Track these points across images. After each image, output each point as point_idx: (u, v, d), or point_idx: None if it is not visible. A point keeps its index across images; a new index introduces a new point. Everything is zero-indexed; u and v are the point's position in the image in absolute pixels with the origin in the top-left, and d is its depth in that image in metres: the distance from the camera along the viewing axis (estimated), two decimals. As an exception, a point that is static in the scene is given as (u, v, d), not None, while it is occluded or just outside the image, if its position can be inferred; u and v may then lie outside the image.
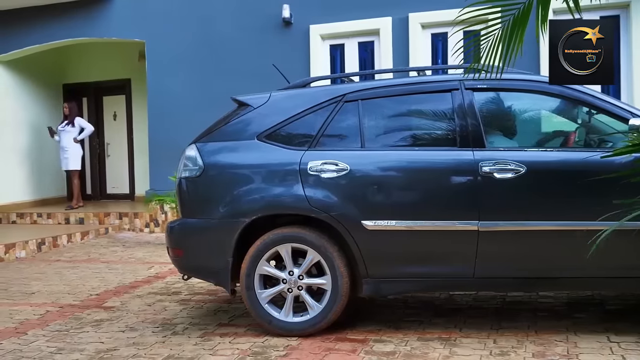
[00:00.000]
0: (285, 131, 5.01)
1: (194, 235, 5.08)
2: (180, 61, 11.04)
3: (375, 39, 10.03)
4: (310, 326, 4.78)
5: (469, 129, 4.71)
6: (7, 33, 12.13)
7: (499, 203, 4.57)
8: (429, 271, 4.70)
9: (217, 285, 5.29)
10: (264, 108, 5.13)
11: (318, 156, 4.83)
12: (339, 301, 4.73)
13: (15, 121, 12.69)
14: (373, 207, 4.73)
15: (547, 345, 4.38)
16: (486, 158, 4.57)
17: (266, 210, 4.86)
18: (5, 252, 9.04)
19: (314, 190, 4.75)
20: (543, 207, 4.55)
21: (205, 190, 5.05)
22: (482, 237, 4.53)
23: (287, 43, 10.27)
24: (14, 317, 5.83)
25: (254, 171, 4.96)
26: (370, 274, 4.72)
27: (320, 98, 5.05)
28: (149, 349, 4.71)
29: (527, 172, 4.50)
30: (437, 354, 4.29)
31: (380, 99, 5.03)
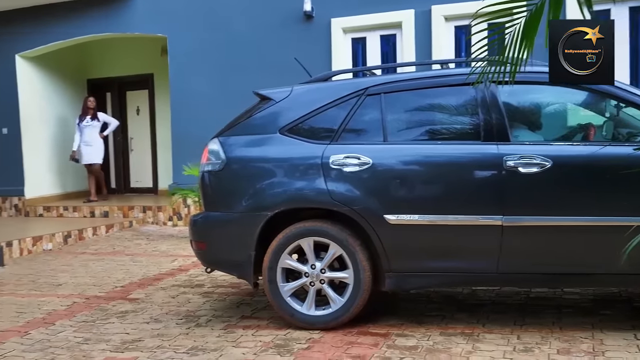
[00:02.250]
0: (308, 125, 5.01)
1: (217, 228, 5.11)
2: (202, 56, 11.07)
3: (397, 32, 9.98)
4: (333, 319, 4.80)
5: (493, 122, 4.67)
6: (32, 29, 12.24)
7: (523, 198, 4.53)
8: (451, 266, 4.69)
9: (239, 278, 5.33)
10: (286, 102, 5.13)
11: (340, 150, 4.82)
12: (361, 295, 4.73)
13: (41, 116, 12.81)
14: (395, 201, 4.72)
15: (572, 342, 4.36)
16: (511, 152, 4.53)
17: (288, 204, 4.87)
18: (33, 244, 9.16)
19: (336, 184, 4.75)
20: (569, 202, 4.50)
21: (228, 183, 5.07)
22: (506, 232, 4.50)
23: (308, 37, 10.26)
24: (42, 308, 5.91)
25: (276, 165, 4.97)
26: (392, 268, 4.72)
27: (342, 92, 5.03)
28: (173, 340, 4.76)
29: (553, 167, 4.45)
30: (460, 349, 4.28)
31: (402, 92, 4.99)
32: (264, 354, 4.35)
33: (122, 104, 14.11)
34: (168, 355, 4.43)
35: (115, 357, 4.46)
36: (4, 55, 12.43)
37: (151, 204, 11.58)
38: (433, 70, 5.31)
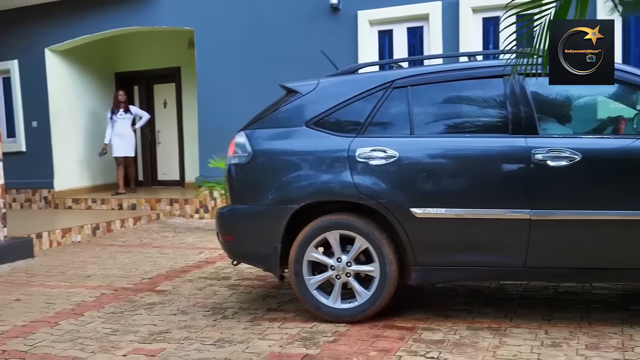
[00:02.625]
0: (334, 118, 5.01)
1: (243, 221, 5.12)
2: (228, 49, 11.10)
3: (424, 24, 9.92)
4: (359, 313, 4.79)
5: (521, 115, 4.62)
6: (61, 23, 12.36)
7: (552, 191, 4.48)
8: (478, 260, 4.65)
9: (266, 271, 5.33)
10: (312, 95, 5.12)
11: (367, 143, 4.80)
12: (387, 288, 4.72)
13: (70, 109, 12.94)
14: (422, 195, 4.69)
15: (600, 337, 4.31)
16: (539, 145, 4.49)
17: (314, 197, 4.87)
18: (62, 236, 9.27)
19: (363, 177, 4.74)
20: (599, 196, 4.45)
21: (255, 176, 5.08)
22: (534, 226, 4.45)
23: (334, 29, 10.23)
24: (71, 299, 5.98)
25: (302, 158, 4.97)
26: (419, 262, 4.70)
27: (369, 84, 5.01)
28: (200, 332, 4.79)
29: (583, 160, 4.40)
30: (487, 344, 4.26)
31: (429, 85, 4.96)
32: (290, 347, 4.36)
33: (150, 97, 14.20)
34: (195, 346, 4.46)
35: (143, 348, 4.50)
36: (34, 49, 12.56)
37: (178, 197, 11.66)
38: (461, 63, 5.27)
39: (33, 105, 12.69)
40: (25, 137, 12.90)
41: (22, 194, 12.97)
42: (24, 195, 12.96)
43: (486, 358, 4.00)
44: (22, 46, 12.59)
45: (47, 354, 4.48)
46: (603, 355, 3.98)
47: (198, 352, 4.35)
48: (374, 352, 4.18)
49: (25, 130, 12.88)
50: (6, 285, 6.76)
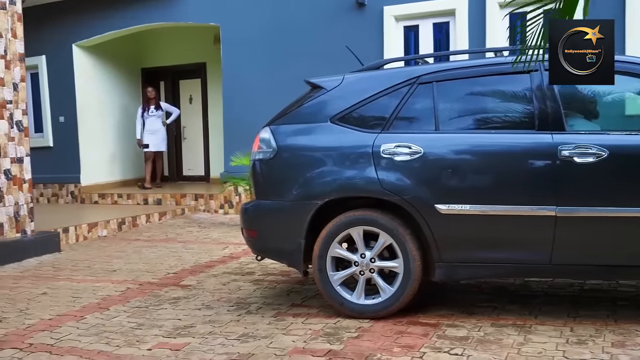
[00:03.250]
0: (359, 113, 4.99)
1: (267, 216, 5.13)
2: (254, 44, 11.12)
3: (450, 20, 9.86)
4: (382, 309, 4.78)
5: (548, 111, 4.58)
6: (88, 19, 12.47)
7: (578, 188, 4.44)
8: (503, 257, 4.62)
9: (289, 267, 5.35)
10: (337, 90, 5.11)
11: (391, 139, 4.79)
12: (411, 284, 4.71)
13: (97, 105, 13.05)
14: (447, 191, 4.67)
15: (627, 334, 4.27)
16: (566, 141, 4.45)
17: (339, 193, 4.86)
18: (89, 231, 9.37)
19: (387, 173, 4.73)
20: (626, 193, 4.40)
21: (279, 172, 5.08)
22: (560, 223, 4.42)
23: (360, 25, 10.21)
24: (97, 293, 6.04)
25: (327, 154, 4.97)
26: (443, 259, 4.68)
27: (394, 80, 5.00)
28: (224, 326, 4.81)
29: (610, 157, 4.35)
30: (512, 341, 4.23)
31: (455, 80, 4.94)
32: (314, 342, 4.37)
33: (175, 92, 14.27)
34: (219, 341, 4.49)
35: (168, 342, 4.53)
36: (61, 45, 12.69)
37: (203, 192, 11.72)
38: (486, 59, 5.24)
39: (60, 100, 12.82)
40: (52, 132, 13.04)
41: (49, 189, 13.12)
42: (50, 190, 13.11)
43: (511, 355, 3.97)
44: (49, 42, 12.71)
45: (73, 347, 4.53)
46: (629, 353, 3.93)
47: (222, 346, 4.37)
48: (398, 349, 4.17)
49: (53, 125, 13.02)
50: (33, 279, 6.85)
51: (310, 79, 5.34)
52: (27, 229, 8.33)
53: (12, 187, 8.14)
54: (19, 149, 8.25)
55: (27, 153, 8.38)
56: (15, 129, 8.20)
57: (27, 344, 4.65)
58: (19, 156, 8.25)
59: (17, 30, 8.33)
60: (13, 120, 8.17)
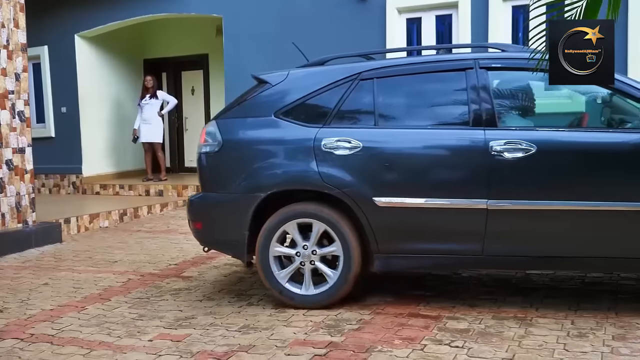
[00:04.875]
0: (302, 108, 5.10)
1: (212, 208, 5.23)
2: (256, 36, 11.09)
3: (453, 12, 9.83)
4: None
5: (481, 108, 4.74)
6: (90, 10, 12.44)
7: (508, 182, 4.61)
8: (438, 248, 4.78)
9: (234, 258, 5.46)
10: (282, 85, 5.22)
11: (332, 133, 4.91)
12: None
13: (99, 95, 13.04)
14: (384, 184, 4.81)
15: (628, 328, 4.27)
16: (497, 137, 4.61)
17: (281, 186, 4.97)
18: (90, 221, 9.38)
19: (328, 166, 4.84)
20: (553, 187, 4.56)
21: (224, 165, 5.17)
22: (491, 216, 4.58)
23: (362, 17, 10.17)
24: (98, 284, 6.05)
25: (270, 147, 5.09)
26: (381, 250, 4.82)
27: (336, 76, 5.11)
28: (225, 318, 4.82)
29: (538, 152, 4.51)
30: (513, 333, 4.24)
31: (394, 77, 5.07)
32: (315, 334, 4.37)
33: (177, 84, 14.26)
34: (220, 332, 4.49)
35: (169, 333, 4.54)
36: (64, 36, 12.67)
37: (205, 183, 11.67)
38: (425, 56, 5.42)
39: (62, 91, 12.81)
40: (54, 123, 13.03)
41: (50, 180, 13.13)
42: (52, 180, 13.11)
43: (512, 348, 3.98)
44: (52, 32, 12.68)
45: (74, 338, 4.54)
46: (630, 346, 3.94)
47: (223, 338, 4.38)
48: (399, 341, 4.18)
49: (55, 115, 13.01)
50: (35, 269, 6.86)
51: (257, 74, 5.47)
52: (29, 219, 8.33)
53: (13, 177, 8.14)
54: (20, 139, 8.25)
55: (28, 143, 8.38)
56: (17, 119, 8.20)
57: (28, 334, 4.66)
58: (20, 146, 8.25)
59: (19, 20, 8.32)
60: (15, 111, 8.16)
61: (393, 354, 3.96)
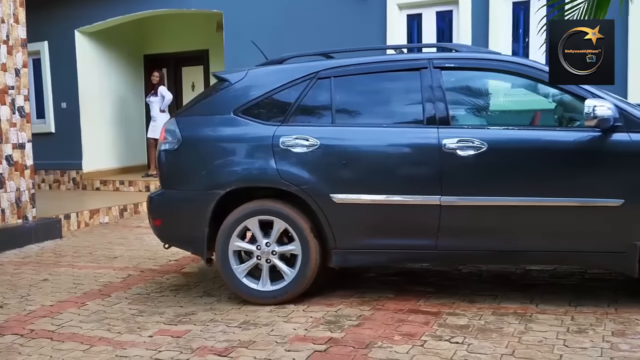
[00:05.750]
0: (260, 106, 5.16)
1: (172, 205, 5.27)
2: (257, 32, 11.04)
3: (454, 9, 9.80)
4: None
5: (435, 107, 4.84)
6: (90, 5, 12.42)
7: (460, 179, 4.73)
8: (394, 243, 4.88)
9: (193, 254, 5.52)
10: (241, 84, 5.27)
11: (290, 131, 4.97)
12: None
13: (99, 91, 13.03)
14: (341, 181, 4.91)
15: (627, 324, 4.28)
16: (450, 135, 4.72)
17: (239, 183, 5.02)
18: (90, 217, 9.38)
19: (286, 164, 4.91)
20: (504, 184, 4.70)
21: (184, 162, 5.21)
22: (444, 212, 4.70)
23: (363, 13, 10.14)
24: (98, 280, 6.05)
25: (229, 145, 5.14)
26: (338, 246, 4.90)
27: (295, 75, 5.18)
28: (225, 314, 4.82)
29: (489, 150, 4.64)
30: (512, 329, 4.24)
31: (351, 76, 5.15)
32: (315, 330, 4.38)
33: (178, 79, 14.23)
34: (220, 329, 4.50)
35: (169, 329, 4.54)
36: (64, 31, 12.65)
37: (205, 179, 11.66)
38: (381, 56, 5.48)
39: (62, 86, 12.80)
40: (54, 118, 13.03)
41: (50, 175, 13.12)
42: (52, 176, 13.11)
43: (511, 343, 3.98)
44: (52, 27, 12.66)
45: (74, 333, 4.54)
46: (629, 342, 3.94)
47: (223, 334, 4.38)
48: (399, 337, 4.18)
49: (55, 111, 13.00)
50: (35, 265, 6.86)
51: (216, 72, 5.52)
52: (29, 215, 8.33)
53: (13, 173, 8.14)
54: (20, 135, 8.24)
55: (28, 139, 8.37)
56: (17, 115, 8.19)
57: (28, 330, 4.66)
58: (20, 142, 8.24)
59: (19, 16, 8.31)
60: (15, 106, 8.16)
61: (393, 349, 3.96)
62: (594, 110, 4.35)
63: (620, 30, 8.02)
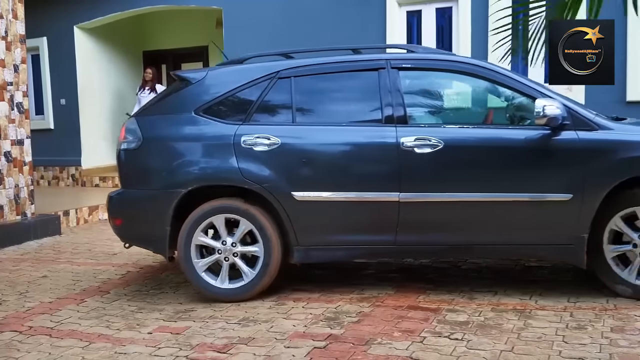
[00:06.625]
0: (221, 106, 5.20)
1: (133, 205, 5.28)
2: (257, 29, 11.05)
3: (453, 5, 9.78)
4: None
5: (393, 106, 4.95)
6: (90, 1, 12.41)
7: (418, 176, 4.87)
8: (355, 239, 5.00)
9: (155, 253, 5.51)
10: (201, 83, 5.30)
11: (252, 130, 5.03)
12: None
13: (99, 87, 13.02)
14: (302, 179, 4.97)
15: (626, 320, 4.28)
16: (408, 134, 4.84)
17: (201, 182, 5.05)
18: (89, 214, 9.38)
19: (247, 162, 4.95)
20: (458, 180, 4.86)
21: (145, 161, 5.23)
22: (403, 208, 4.83)
23: (363, 10, 10.12)
24: (97, 277, 6.05)
25: (190, 144, 5.17)
26: (300, 242, 4.99)
27: (255, 74, 5.23)
28: (224, 310, 4.82)
29: (445, 148, 4.78)
30: (512, 326, 4.24)
31: (311, 76, 5.23)
32: (315, 326, 4.37)
33: (177, 76, 14.18)
34: (220, 325, 4.49)
35: (168, 326, 4.54)
36: (63, 27, 12.64)
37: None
38: (341, 56, 5.46)
39: (61, 82, 12.79)
40: (53, 115, 13.02)
41: (49, 172, 13.12)
42: (51, 172, 13.11)
43: (511, 340, 3.98)
44: (51, 23, 12.65)
45: (74, 330, 4.54)
46: (628, 338, 3.94)
47: (223, 330, 4.38)
48: (398, 333, 4.18)
49: (54, 107, 13.00)
50: (34, 262, 6.86)
51: (177, 72, 5.57)
52: (28, 211, 8.33)
53: (12, 169, 8.13)
54: (19, 131, 8.23)
55: (27, 135, 8.37)
56: (15, 111, 8.18)
57: (27, 327, 4.66)
58: (19, 138, 8.23)
59: (18, 11, 8.29)
60: (13, 102, 8.15)
61: (392, 346, 3.96)
62: (544, 110, 4.55)
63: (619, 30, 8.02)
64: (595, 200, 4.63)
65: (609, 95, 8.15)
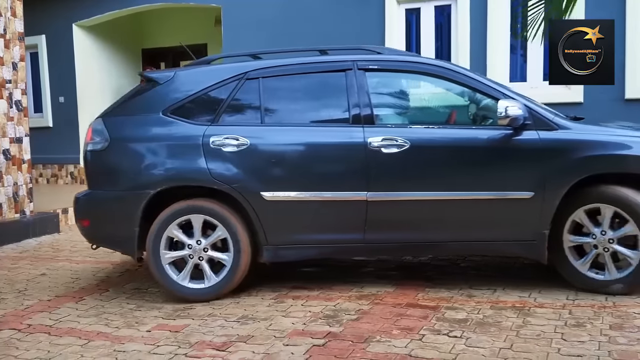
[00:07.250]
0: (190, 106, 5.21)
1: (100, 206, 5.27)
2: (256, 26, 11.04)
3: (452, 3, 9.77)
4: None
5: (360, 107, 5.03)
6: (89, -2, 12.41)
7: (385, 175, 4.94)
8: (324, 238, 5.06)
9: (123, 254, 5.52)
10: (169, 84, 5.30)
11: (220, 131, 5.06)
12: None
13: (97, 85, 13.00)
14: (271, 179, 5.01)
15: (625, 317, 4.28)
16: (375, 134, 4.92)
17: (170, 182, 5.06)
18: (87, 212, 9.33)
19: (216, 163, 4.97)
20: (424, 179, 4.97)
21: (112, 162, 5.22)
22: (370, 206, 4.90)
23: (362, 7, 10.11)
24: (96, 275, 6.05)
25: (159, 145, 5.16)
26: (269, 241, 5.03)
27: (223, 75, 5.26)
28: (224, 308, 4.82)
29: (411, 147, 4.87)
30: (510, 323, 4.24)
31: (279, 77, 5.27)
32: (313, 324, 4.37)
33: (176, 74, 14.16)
34: (219, 323, 4.49)
35: (167, 324, 4.54)
36: (62, 25, 12.62)
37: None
38: (308, 57, 5.49)
39: (60, 80, 12.77)
40: (52, 113, 13.00)
41: (48, 170, 13.11)
42: (50, 170, 13.10)
43: (510, 337, 3.98)
44: (49, 21, 12.63)
45: (72, 328, 4.54)
46: (627, 336, 3.95)
47: (221, 328, 4.38)
48: (397, 331, 4.18)
49: (52, 105, 12.97)
50: (32, 259, 6.86)
51: (144, 73, 5.57)
52: (26, 209, 8.33)
53: (11, 167, 8.13)
54: (18, 129, 8.23)
55: (26, 133, 8.36)
56: (14, 109, 8.18)
57: (26, 324, 4.66)
58: (18, 136, 8.23)
59: (16, 9, 8.28)
60: (12, 100, 8.14)
61: (391, 344, 3.96)
62: (506, 110, 4.66)
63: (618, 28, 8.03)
64: (556, 197, 4.75)
65: (607, 93, 8.16)
